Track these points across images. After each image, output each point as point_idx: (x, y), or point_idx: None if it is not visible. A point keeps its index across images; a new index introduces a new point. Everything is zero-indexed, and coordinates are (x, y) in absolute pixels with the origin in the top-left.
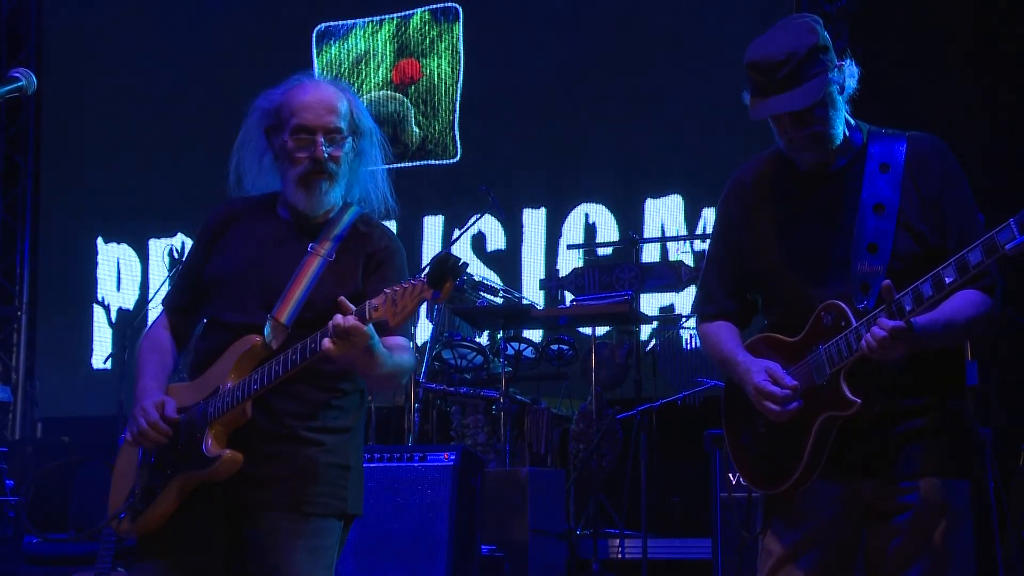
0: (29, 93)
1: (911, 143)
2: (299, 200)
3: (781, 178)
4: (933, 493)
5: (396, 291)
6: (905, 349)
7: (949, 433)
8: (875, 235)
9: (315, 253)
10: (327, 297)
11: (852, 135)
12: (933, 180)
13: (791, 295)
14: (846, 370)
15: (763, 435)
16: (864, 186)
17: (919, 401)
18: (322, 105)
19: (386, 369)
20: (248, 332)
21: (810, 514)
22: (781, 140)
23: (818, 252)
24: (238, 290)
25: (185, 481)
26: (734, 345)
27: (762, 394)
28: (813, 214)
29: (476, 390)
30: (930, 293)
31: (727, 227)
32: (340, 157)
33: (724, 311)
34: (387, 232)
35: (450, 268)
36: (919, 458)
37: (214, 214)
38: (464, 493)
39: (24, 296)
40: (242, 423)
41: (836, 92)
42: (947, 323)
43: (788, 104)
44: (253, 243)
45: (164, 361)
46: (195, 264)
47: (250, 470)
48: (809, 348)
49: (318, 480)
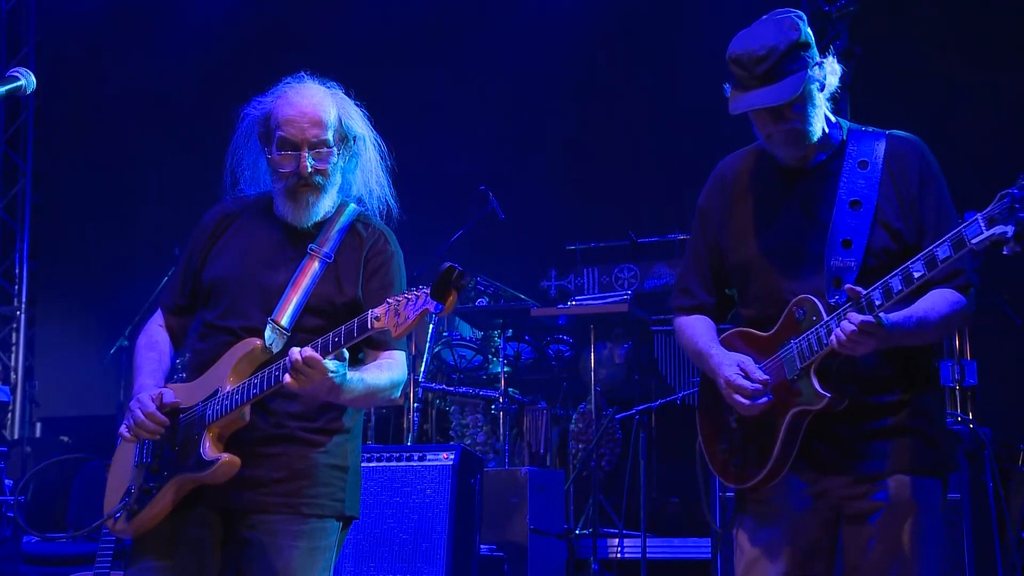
0: (28, 92)
1: (891, 142)
2: (287, 213)
3: (761, 173)
4: (902, 491)
5: (399, 301)
6: (875, 344)
7: (918, 431)
8: (850, 231)
9: (314, 255)
10: (326, 299)
11: (832, 132)
12: (912, 179)
13: (765, 289)
14: (816, 365)
15: (735, 430)
16: (841, 182)
17: (889, 398)
18: (305, 118)
19: (356, 394)
20: (249, 335)
21: (781, 510)
22: (760, 135)
23: (793, 246)
24: (238, 293)
25: (182, 483)
26: (709, 339)
27: (732, 387)
28: (790, 209)
29: (475, 390)
30: (899, 287)
31: (706, 221)
32: (327, 169)
33: (701, 304)
34: (385, 234)
35: (453, 280)
36: (888, 456)
37: (211, 214)
38: (463, 493)
39: (23, 296)
40: (241, 425)
41: (816, 89)
42: (919, 320)
43: (766, 99)
44: (252, 245)
45: (161, 360)
46: (192, 264)
47: (248, 471)
48: (781, 342)
49: (316, 481)
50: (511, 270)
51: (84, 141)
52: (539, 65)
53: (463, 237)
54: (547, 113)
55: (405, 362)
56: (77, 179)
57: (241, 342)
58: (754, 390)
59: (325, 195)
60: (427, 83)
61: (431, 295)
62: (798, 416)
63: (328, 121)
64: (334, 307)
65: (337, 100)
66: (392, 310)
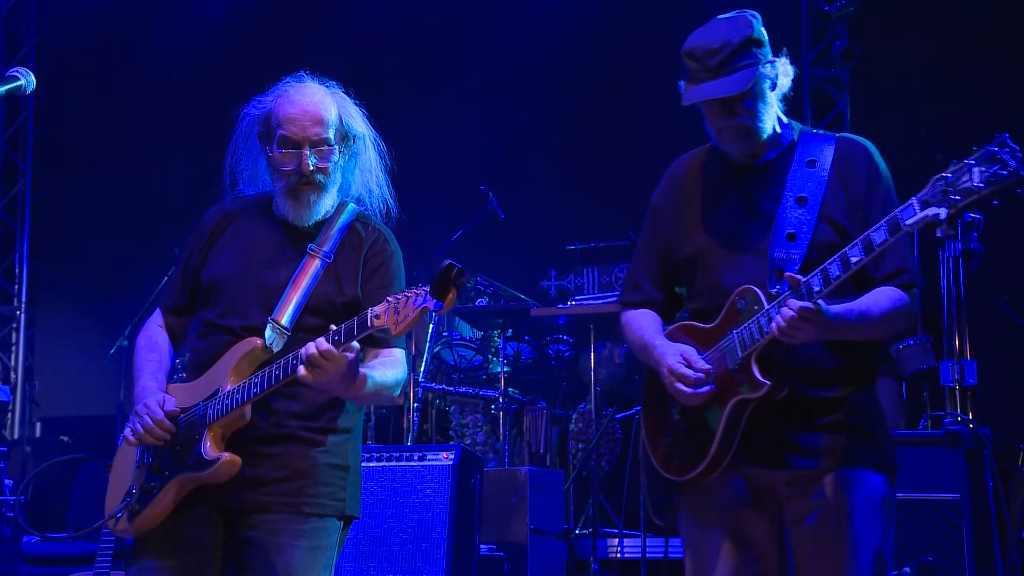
0: (28, 92)
1: (840, 144)
2: (288, 212)
3: (712, 170)
4: (839, 489)
5: (399, 299)
6: (815, 332)
7: (856, 427)
8: (795, 225)
9: (314, 254)
10: (326, 298)
11: (783, 132)
12: (859, 180)
13: (710, 281)
14: (757, 353)
15: (677, 423)
16: (789, 179)
17: (829, 392)
18: (307, 116)
19: (367, 391)
20: (249, 334)
21: (722, 507)
22: (711, 130)
23: (738, 239)
24: (238, 292)
25: (183, 483)
26: (654, 332)
27: (675, 375)
28: (738, 204)
29: (475, 390)
30: (838, 273)
31: (657, 217)
32: (328, 167)
33: (649, 300)
34: (384, 233)
35: (453, 278)
36: (824, 453)
37: (210, 214)
38: (463, 493)
39: (23, 295)
40: (242, 425)
41: (767, 87)
42: (861, 314)
43: (716, 91)
44: (251, 245)
45: (162, 360)
46: (192, 265)
47: (249, 471)
48: (723, 333)
49: (317, 480)
50: (511, 270)
51: (84, 141)
52: (539, 65)
53: (463, 237)
54: (547, 113)
55: (405, 360)
56: (77, 179)
57: (242, 341)
58: (696, 378)
59: (326, 194)
60: (427, 83)
61: (431, 293)
62: (739, 406)
63: (329, 119)
64: (334, 307)
65: (338, 99)
66: (392, 308)
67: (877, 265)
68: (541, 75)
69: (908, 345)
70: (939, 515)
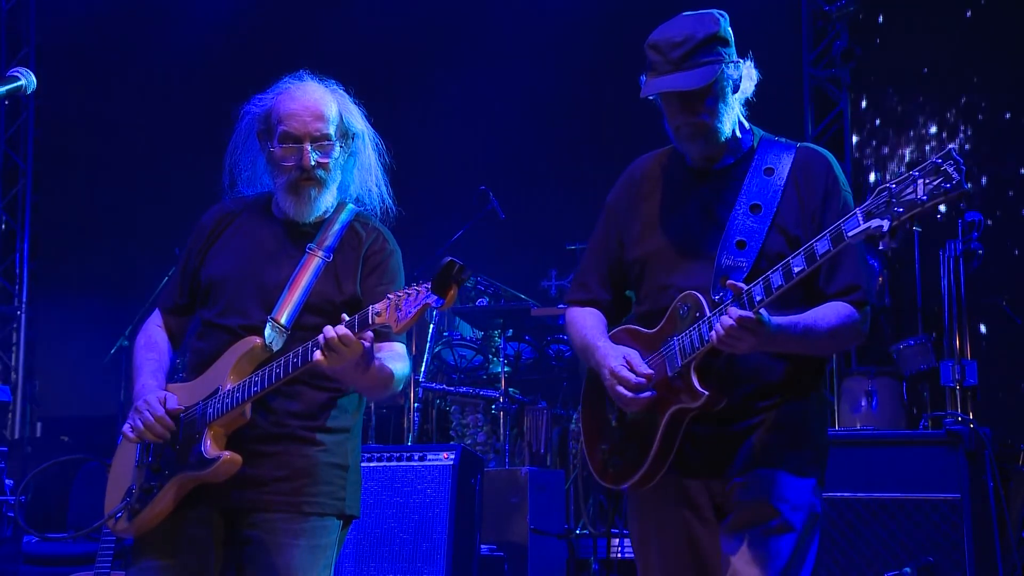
0: (28, 93)
1: (800, 153)
2: (289, 208)
3: (669, 173)
4: (758, 487)
5: (400, 296)
6: (755, 342)
7: (785, 428)
8: (746, 232)
9: (313, 253)
10: (325, 298)
11: (743, 136)
12: (816, 191)
13: (656, 285)
14: (697, 362)
15: (615, 429)
16: (744, 185)
17: (767, 403)
18: (308, 112)
19: (379, 379)
20: (248, 333)
21: (661, 516)
22: (669, 127)
23: (688, 244)
24: (238, 292)
25: (183, 482)
26: (597, 332)
27: (616, 378)
28: (692, 208)
29: (476, 390)
30: (780, 282)
31: (611, 217)
32: (329, 163)
33: (596, 300)
34: (383, 233)
35: (454, 275)
36: (748, 454)
37: (209, 215)
38: (464, 493)
39: (24, 295)
40: (242, 424)
41: (728, 88)
42: (807, 328)
43: (677, 83)
44: (251, 245)
45: (161, 360)
46: (191, 265)
47: (249, 470)
48: (664, 339)
49: (317, 480)
50: (511, 270)
51: (84, 141)
52: (540, 64)
53: (463, 236)
54: (547, 112)
55: (407, 355)
56: (77, 179)
57: (241, 340)
58: (637, 383)
59: (326, 190)
60: (428, 83)
61: (432, 290)
62: (677, 414)
63: (330, 116)
64: (333, 305)
65: (338, 97)
66: (392, 305)
67: (829, 279)
68: (542, 75)
69: (908, 345)
70: (939, 515)
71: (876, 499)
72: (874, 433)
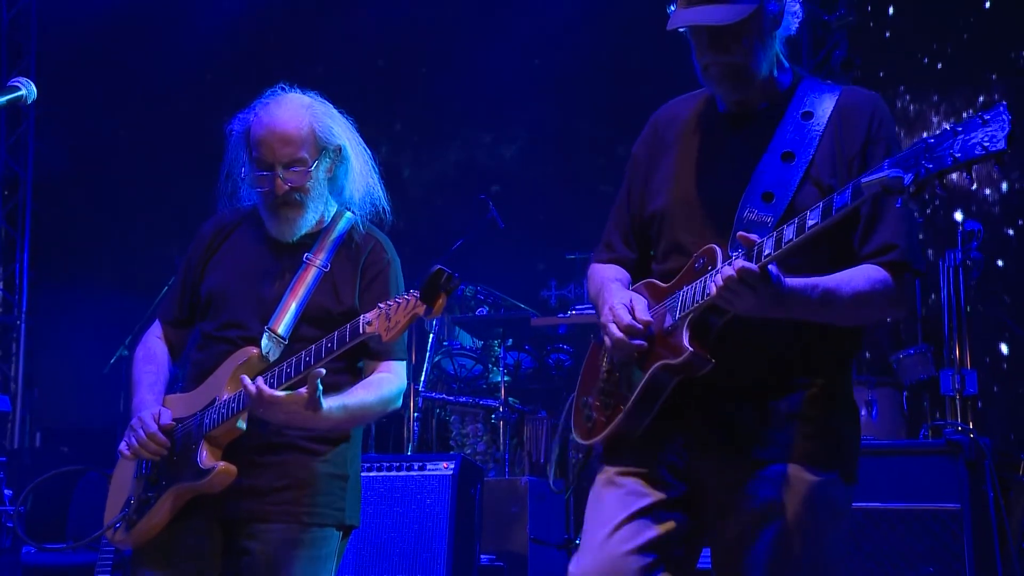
0: (29, 103)
1: (844, 95)
2: (271, 228)
3: (698, 119)
4: (795, 485)
5: (390, 306)
6: (756, 301)
7: (820, 419)
8: (774, 183)
9: (311, 263)
10: (323, 308)
11: (780, 78)
12: (857, 135)
13: (672, 241)
14: (693, 316)
15: (602, 380)
16: (777, 132)
17: (796, 380)
18: (276, 137)
19: (337, 419)
20: (246, 344)
21: (634, 483)
22: (698, 65)
23: (706, 197)
24: (236, 304)
25: (180, 492)
26: (613, 277)
27: (613, 314)
28: (716, 157)
29: (475, 399)
30: (790, 237)
31: (633, 169)
32: (305, 185)
33: (620, 258)
34: (381, 241)
35: (443, 283)
36: (776, 443)
37: (207, 226)
38: (463, 502)
39: (24, 305)
40: (237, 435)
41: (768, 24)
42: (826, 292)
43: (708, 16)
44: (248, 257)
45: (160, 373)
46: (190, 277)
47: (248, 481)
48: (674, 293)
49: (316, 490)
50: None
51: (85, 150)
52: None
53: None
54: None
55: (403, 372)
56: (78, 188)
57: (239, 351)
58: (629, 323)
59: (307, 210)
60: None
61: (420, 299)
62: (661, 371)
63: (301, 137)
64: (331, 316)
65: (313, 112)
66: (383, 315)
67: (865, 238)
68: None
69: (908, 355)
70: (940, 525)
71: (876, 509)
72: (874, 443)
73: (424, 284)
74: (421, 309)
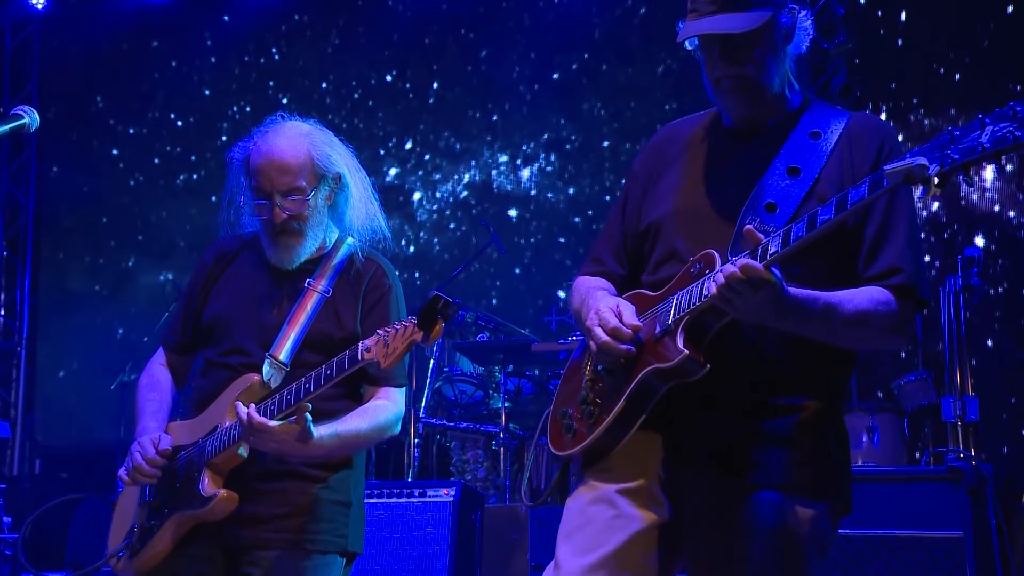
0: (32, 130)
1: (853, 120)
2: (271, 256)
3: (704, 136)
4: (779, 512)
5: (389, 332)
6: (758, 305)
7: (813, 445)
8: (778, 195)
9: (312, 289)
10: (325, 334)
11: (791, 96)
12: (866, 158)
13: (668, 249)
14: (690, 319)
15: (585, 390)
16: (784, 147)
17: (792, 400)
18: (274, 167)
19: (330, 447)
20: (248, 371)
21: (615, 500)
22: (708, 80)
23: (707, 206)
24: (238, 330)
25: (181, 520)
26: (600, 290)
27: (599, 317)
28: (721, 172)
29: (476, 425)
30: (799, 233)
31: (631, 184)
32: (304, 213)
33: (608, 273)
34: (383, 266)
35: (440, 310)
36: (768, 467)
37: (210, 252)
38: (464, 529)
39: (24, 331)
40: (239, 462)
41: (780, 38)
42: (828, 306)
43: (719, 25)
44: (250, 283)
45: (163, 399)
46: (193, 304)
47: (250, 508)
48: (667, 299)
49: (319, 516)
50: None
51: (86, 178)
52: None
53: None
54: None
55: (401, 399)
56: (78, 215)
57: (240, 378)
58: (615, 327)
59: (306, 238)
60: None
61: (418, 325)
62: (651, 376)
63: (298, 166)
64: (332, 342)
65: (311, 140)
66: (381, 341)
67: (870, 260)
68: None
69: (910, 381)
70: (942, 552)
71: (878, 536)
72: (876, 469)
73: (421, 311)
74: (419, 336)
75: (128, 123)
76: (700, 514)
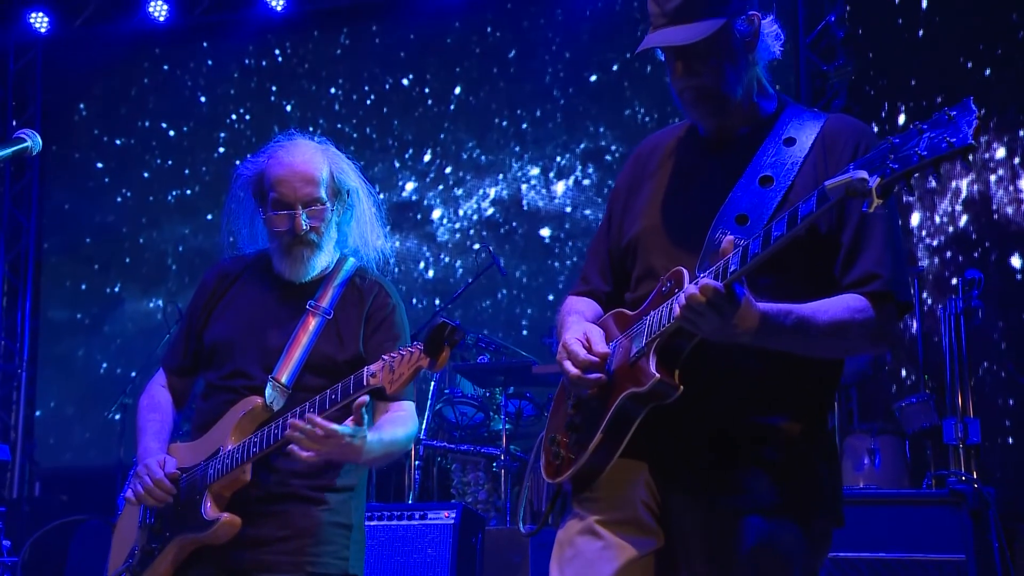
0: (34, 154)
1: (830, 122)
2: (285, 270)
3: (680, 148)
4: (767, 537)
5: (395, 358)
6: (721, 323)
7: (801, 467)
8: (750, 207)
9: (313, 311)
10: (327, 356)
11: (763, 103)
12: (842, 161)
13: (645, 267)
14: (661, 341)
15: (570, 417)
16: (756, 156)
17: (773, 420)
18: (297, 177)
19: (376, 455)
20: (250, 393)
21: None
22: (675, 93)
23: (679, 222)
24: (240, 353)
25: (183, 544)
26: (576, 313)
27: (567, 351)
28: (694, 183)
29: (477, 447)
30: (755, 250)
31: (613, 201)
32: (321, 226)
33: (594, 291)
34: (385, 287)
35: (447, 336)
36: (757, 490)
37: (211, 274)
38: (464, 552)
39: (25, 354)
40: (242, 485)
41: (738, 45)
42: (801, 319)
43: (670, 37)
44: (252, 306)
45: (164, 421)
46: (194, 326)
47: (252, 530)
48: (641, 320)
49: (320, 539)
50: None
51: (87, 200)
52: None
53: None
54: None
55: (415, 412)
56: (80, 238)
57: (242, 400)
58: (585, 359)
59: (320, 251)
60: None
61: (424, 352)
62: (628, 401)
63: (320, 178)
64: (335, 364)
65: (328, 156)
66: (387, 367)
67: (846, 266)
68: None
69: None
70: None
71: (880, 559)
72: (877, 492)
73: (428, 337)
74: (425, 362)
75: (132, 144)
76: (690, 539)
